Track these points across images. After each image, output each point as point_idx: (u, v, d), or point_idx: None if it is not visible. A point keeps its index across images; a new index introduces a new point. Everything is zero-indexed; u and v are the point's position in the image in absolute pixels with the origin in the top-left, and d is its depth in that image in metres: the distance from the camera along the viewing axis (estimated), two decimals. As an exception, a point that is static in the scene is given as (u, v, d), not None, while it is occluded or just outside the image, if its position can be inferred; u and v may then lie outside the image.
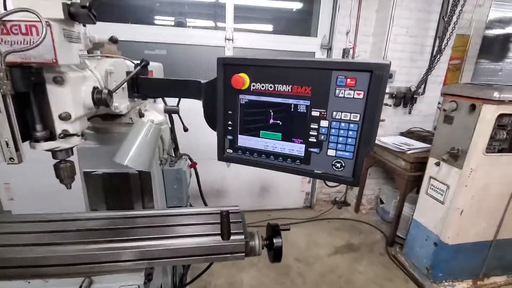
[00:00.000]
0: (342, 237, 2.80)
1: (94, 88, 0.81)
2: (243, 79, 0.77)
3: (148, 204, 1.36)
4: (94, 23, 0.68)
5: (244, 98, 0.82)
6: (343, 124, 0.73)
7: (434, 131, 2.59)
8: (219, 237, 0.90)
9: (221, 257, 0.88)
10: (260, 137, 0.84)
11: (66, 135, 0.74)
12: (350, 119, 0.72)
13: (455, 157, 1.93)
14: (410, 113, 3.04)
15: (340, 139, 0.74)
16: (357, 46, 2.90)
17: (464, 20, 2.91)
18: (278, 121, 0.80)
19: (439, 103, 3.14)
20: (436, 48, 2.75)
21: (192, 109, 1.84)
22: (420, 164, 2.38)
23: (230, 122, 0.86)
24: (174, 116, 1.72)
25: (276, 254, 0.98)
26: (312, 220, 3.09)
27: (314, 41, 2.88)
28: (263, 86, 0.78)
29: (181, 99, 1.26)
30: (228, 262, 2.33)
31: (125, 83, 1.03)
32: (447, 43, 2.68)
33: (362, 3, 2.83)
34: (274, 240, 0.98)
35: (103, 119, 1.10)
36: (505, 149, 1.91)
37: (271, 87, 0.77)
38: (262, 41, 2.78)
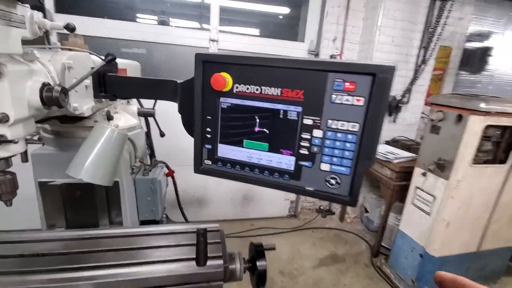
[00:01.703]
0: (327, 248, 2.72)
1: (44, 85, 0.67)
2: (224, 79, 0.66)
3: (116, 219, 1.21)
4: (41, 4, 0.55)
5: (225, 101, 0.70)
6: (339, 135, 0.63)
7: (419, 140, 2.58)
8: (193, 263, 0.77)
9: (195, 287, 0.75)
10: (243, 147, 0.73)
11: (1, 141, 0.59)
12: (348, 129, 0.62)
13: (442, 167, 1.91)
14: (394, 121, 3.04)
15: (336, 151, 0.64)
16: (344, 53, 2.87)
17: (447, 32, 2.97)
18: (265, 129, 0.69)
19: (422, 112, 3.17)
20: (420, 58, 2.77)
21: (171, 111, 1.70)
22: (405, 173, 2.35)
23: (208, 129, 0.74)
24: (151, 119, 1.58)
25: (259, 279, 0.87)
26: (296, 230, 2.99)
27: (301, 46, 2.82)
28: (248, 89, 0.67)
29: (158, 100, 1.13)
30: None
31: (89, 82, 0.89)
32: (431, 53, 2.71)
33: (349, 12, 2.81)
34: (258, 263, 0.87)
35: (61, 122, 0.95)
36: (490, 160, 1.91)
37: (257, 89, 0.66)
38: (248, 44, 2.69)
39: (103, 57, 0.96)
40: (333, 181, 0.67)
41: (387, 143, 2.99)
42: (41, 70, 0.70)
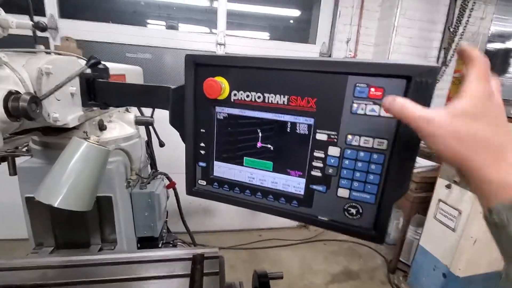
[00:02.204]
0: (340, 262, 2.55)
1: (10, 93, 0.57)
2: (219, 85, 0.54)
3: (110, 236, 1.11)
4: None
5: (222, 111, 0.59)
6: (362, 154, 0.50)
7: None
8: (186, 301, 0.66)
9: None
10: (243, 165, 0.61)
11: (-50, 161, 0.49)
12: (373, 147, 0.49)
13: (469, 179, 1.72)
14: (412, 127, 2.85)
15: (358, 174, 0.51)
16: (358, 55, 2.73)
17: (468, 32, 2.77)
18: (269, 145, 0.57)
19: (443, 117, 2.97)
20: (441, 60, 2.59)
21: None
22: (427, 184, 2.17)
23: (202, 144, 0.63)
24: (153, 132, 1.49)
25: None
26: (307, 242, 2.83)
27: (313, 48, 2.70)
28: (248, 96, 0.55)
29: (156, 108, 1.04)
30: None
31: (75, 89, 0.80)
32: (453, 54, 2.53)
33: (364, 12, 2.67)
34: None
35: (43, 133, 0.86)
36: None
37: (259, 97, 0.55)
38: (256, 47, 2.58)
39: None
40: (353, 211, 0.54)
41: (405, 150, 2.80)
42: (9, 76, 0.60)
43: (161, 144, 1.40)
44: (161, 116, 1.16)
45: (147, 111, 1.38)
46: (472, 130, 0.33)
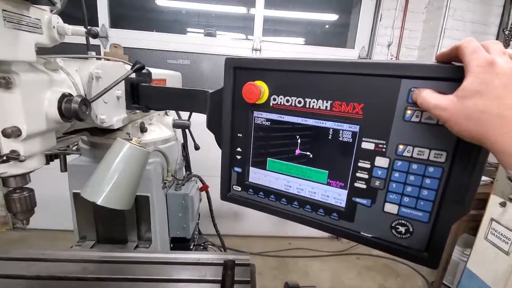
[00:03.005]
0: (375, 279, 2.39)
1: (64, 96, 0.62)
2: (259, 89, 0.53)
3: (146, 235, 1.14)
4: (53, 4, 0.48)
5: (260, 116, 0.57)
6: (415, 166, 0.45)
7: (494, 161, 2.15)
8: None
9: None
10: (280, 173, 0.58)
11: (10, 158, 0.53)
12: (428, 159, 0.44)
13: (531, 198, 1.52)
14: (461, 138, 2.61)
15: (409, 189, 0.46)
16: (400, 59, 2.57)
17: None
18: (308, 153, 0.54)
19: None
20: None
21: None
22: (478, 201, 1.95)
23: (239, 149, 0.61)
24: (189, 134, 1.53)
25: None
26: (339, 254, 2.70)
27: (351, 53, 2.60)
28: (287, 101, 0.53)
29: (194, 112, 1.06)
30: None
31: (121, 93, 0.84)
32: (511, 58, 2.27)
33: (408, 14, 2.52)
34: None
35: (91, 134, 0.92)
36: None
37: (299, 102, 0.52)
38: (292, 52, 2.56)
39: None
40: (402, 229, 0.48)
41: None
42: (64, 80, 0.65)
43: (196, 147, 1.42)
44: (197, 120, 1.18)
45: (184, 115, 1.42)
46: (479, 107, 0.34)
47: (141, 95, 0.90)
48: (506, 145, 0.33)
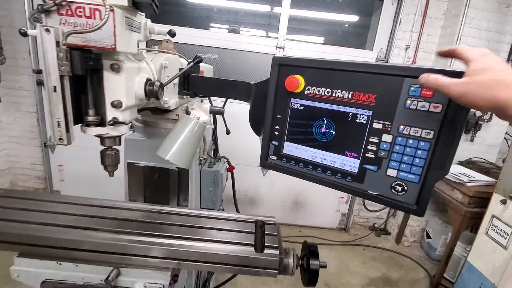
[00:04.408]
0: (379, 269, 2.54)
1: (148, 80, 0.82)
2: (298, 81, 0.71)
3: (183, 203, 1.35)
4: (156, 13, 0.68)
5: (296, 102, 0.75)
6: (410, 141, 0.62)
7: (500, 164, 2.27)
8: (252, 248, 0.84)
9: (253, 270, 0.81)
10: (308, 146, 0.77)
11: (115, 122, 0.74)
12: (420, 136, 0.61)
13: (530, 197, 1.64)
14: (472, 141, 2.70)
15: (405, 158, 0.64)
16: (416, 62, 2.68)
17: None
18: (332, 131, 0.72)
19: (506, 133, 2.76)
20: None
21: (236, 113, 1.83)
22: (480, 199, 2.07)
23: (277, 127, 0.80)
24: (218, 118, 1.72)
25: (311, 277, 0.89)
26: (346, 244, 2.86)
27: (369, 54, 2.73)
28: (319, 91, 0.71)
29: (227, 101, 1.26)
30: (253, 274, 2.24)
31: (177, 79, 1.04)
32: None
33: (426, 19, 2.62)
34: (311, 262, 0.89)
35: (152, 113, 1.12)
36: None
37: (328, 92, 0.70)
38: (314, 51, 2.71)
39: (187, 60, 1.11)
40: (399, 188, 0.66)
41: (461, 163, 2.67)
42: (145, 68, 0.85)
43: (228, 132, 1.62)
44: (227, 110, 1.38)
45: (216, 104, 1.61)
46: (490, 77, 0.44)
47: (191, 83, 1.09)
48: None
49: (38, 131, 2.84)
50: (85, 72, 0.67)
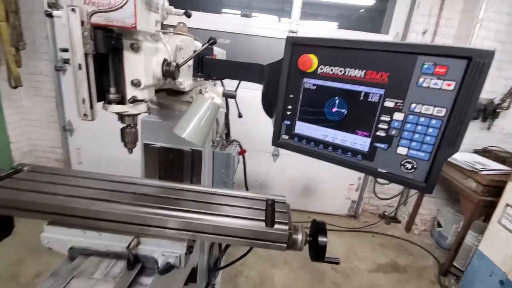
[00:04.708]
0: (387, 255, 2.57)
1: (164, 60, 0.85)
2: (311, 60, 0.72)
3: (196, 184, 1.40)
4: (173, -7, 0.70)
5: (308, 82, 0.77)
6: (422, 119, 0.63)
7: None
8: (263, 224, 0.87)
9: (263, 243, 0.85)
10: (320, 125, 0.79)
11: (135, 100, 0.78)
12: (432, 114, 0.62)
13: (547, 186, 1.61)
14: (489, 129, 2.63)
15: (416, 136, 0.65)
16: (433, 48, 2.60)
17: None
18: (343, 110, 0.74)
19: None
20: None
21: (248, 99, 1.85)
22: (494, 188, 2.04)
23: (289, 107, 0.82)
24: (230, 102, 1.75)
25: (319, 253, 0.92)
26: (355, 231, 2.89)
27: (385, 38, 2.66)
28: (331, 70, 0.72)
29: (239, 87, 1.28)
30: (262, 256, 2.31)
31: (191, 62, 1.07)
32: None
33: (445, 2, 2.52)
34: (319, 238, 0.92)
35: (167, 94, 1.16)
36: None
37: (341, 71, 0.71)
38: (327, 36, 2.66)
39: (202, 43, 1.12)
40: (408, 165, 0.67)
41: (476, 152, 2.62)
42: (162, 48, 0.88)
43: (240, 115, 1.64)
44: (239, 95, 1.40)
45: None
46: None
47: (205, 65, 1.11)
48: None
49: (57, 115, 2.95)
50: (107, 51, 0.70)
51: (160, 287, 0.88)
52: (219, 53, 1.58)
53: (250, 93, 1.85)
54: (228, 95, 1.51)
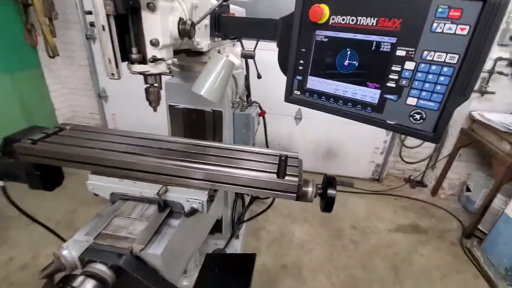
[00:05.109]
0: (408, 217, 2.58)
1: (180, 19, 0.88)
2: (322, 10, 0.71)
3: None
4: None
5: (320, 34, 0.76)
6: (434, 67, 0.62)
7: None
8: (275, 176, 0.94)
9: (274, 193, 0.92)
10: (331, 79, 0.79)
11: (154, 59, 0.83)
12: (444, 61, 0.60)
13: None
14: (534, 88, 2.38)
15: (427, 85, 0.64)
16: None
17: None
18: (355, 62, 0.74)
19: None
20: None
21: (270, 61, 1.83)
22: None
23: (301, 61, 0.83)
24: (250, 65, 1.75)
25: (327, 204, 0.98)
26: (377, 193, 2.90)
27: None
28: (343, 20, 0.71)
29: (260, 46, 1.28)
30: (283, 213, 2.45)
31: (208, 22, 1.08)
32: None
33: None
34: (328, 190, 0.97)
35: (187, 55, 1.20)
36: None
37: (352, 20, 0.70)
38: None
39: (218, 0, 1.12)
40: (417, 116, 0.68)
41: (516, 114, 2.42)
42: (178, 7, 0.90)
43: (259, 76, 1.65)
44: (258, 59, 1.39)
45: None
46: None
47: (222, 24, 1.12)
48: None
49: (92, 83, 3.15)
50: (127, 12, 0.74)
51: (186, 229, 1.01)
52: (238, 11, 1.55)
53: (270, 55, 1.83)
54: (246, 55, 1.52)
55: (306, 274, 1.89)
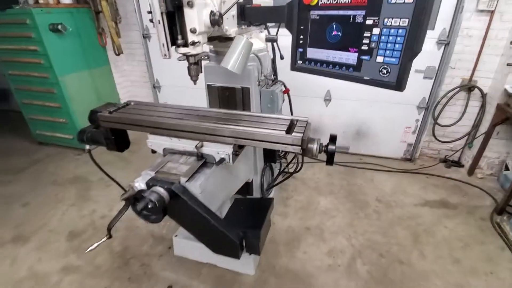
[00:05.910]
0: (438, 194, 2.59)
1: (211, 12, 1.18)
2: (312, -5, 0.94)
3: (247, 115, 1.77)
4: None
5: (314, 13, 1.00)
6: (392, 31, 0.82)
7: None
8: (284, 133, 1.19)
9: (282, 145, 1.17)
10: (324, 48, 1.02)
11: (194, 43, 1.15)
12: (399, 25, 0.80)
13: None
14: None
15: (389, 45, 0.84)
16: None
17: None
18: (339, 33, 0.95)
19: None
20: None
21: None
22: None
23: (301, 36, 1.07)
24: (276, 49, 2.00)
25: (329, 158, 1.20)
26: (408, 172, 2.93)
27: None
28: (328, 0, 0.93)
29: (280, 30, 1.52)
30: (311, 186, 2.66)
31: (235, 12, 1.37)
32: None
33: None
34: (329, 146, 1.19)
35: (219, 41, 1.51)
36: None
37: (335, 0, 0.92)
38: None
39: (244, -5, 1.40)
40: (384, 71, 0.88)
41: None
42: (210, 3, 1.20)
43: (282, 57, 1.90)
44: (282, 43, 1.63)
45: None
46: None
47: (246, 14, 1.40)
48: None
49: (148, 75, 3.69)
50: (174, 9, 1.06)
51: (218, 175, 1.32)
52: (264, 2, 1.81)
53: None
54: (270, 39, 1.78)
55: (327, 235, 2.10)
